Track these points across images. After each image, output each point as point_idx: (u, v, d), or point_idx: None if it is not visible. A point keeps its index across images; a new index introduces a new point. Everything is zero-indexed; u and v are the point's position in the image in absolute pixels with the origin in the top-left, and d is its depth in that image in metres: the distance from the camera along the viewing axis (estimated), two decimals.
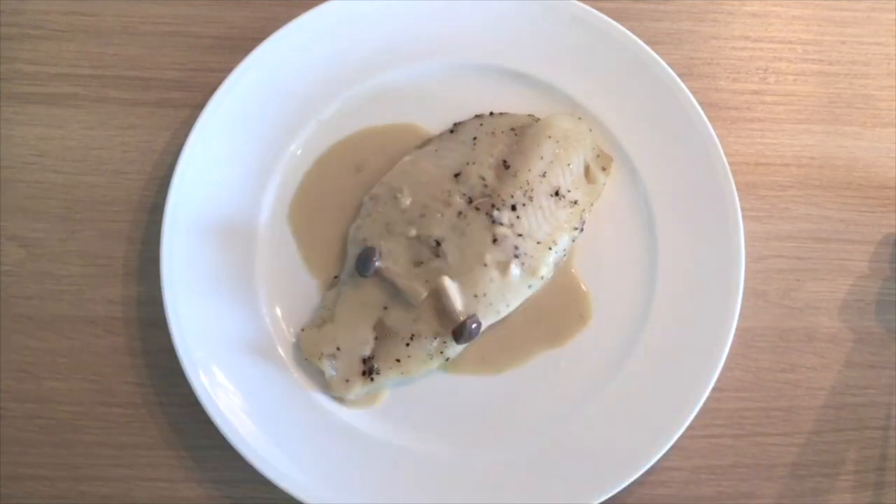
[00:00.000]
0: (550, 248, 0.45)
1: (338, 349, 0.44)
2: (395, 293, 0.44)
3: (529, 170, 0.46)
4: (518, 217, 0.45)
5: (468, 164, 0.46)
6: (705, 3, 0.52)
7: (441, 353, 0.44)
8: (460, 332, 0.43)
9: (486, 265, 0.44)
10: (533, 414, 0.44)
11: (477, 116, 0.48)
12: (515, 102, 0.48)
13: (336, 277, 0.46)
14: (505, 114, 0.48)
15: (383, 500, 0.43)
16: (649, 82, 0.48)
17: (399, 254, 0.45)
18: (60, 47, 0.49)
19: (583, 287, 0.47)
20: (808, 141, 0.51)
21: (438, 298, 0.44)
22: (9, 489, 0.44)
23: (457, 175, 0.46)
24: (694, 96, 0.47)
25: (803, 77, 0.52)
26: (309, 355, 0.44)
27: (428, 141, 0.48)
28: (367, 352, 0.44)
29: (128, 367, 0.45)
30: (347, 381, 0.44)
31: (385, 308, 0.44)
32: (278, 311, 0.46)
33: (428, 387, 0.45)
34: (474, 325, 0.43)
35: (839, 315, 0.48)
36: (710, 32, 0.52)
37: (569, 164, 0.46)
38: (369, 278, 0.45)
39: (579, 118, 0.48)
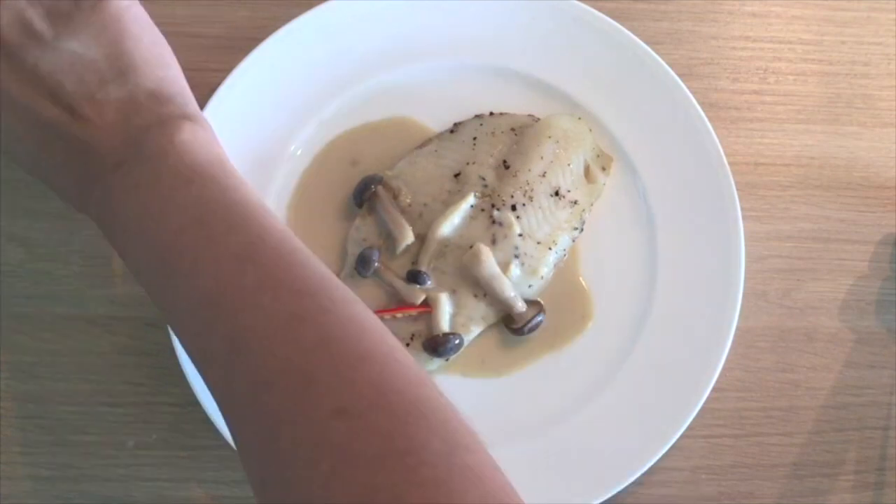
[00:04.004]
0: (550, 248, 0.45)
1: None
2: (395, 293, 0.44)
3: (529, 170, 0.46)
4: (518, 217, 0.45)
5: (468, 164, 0.46)
6: (705, 3, 0.52)
7: None
8: (433, 345, 0.43)
9: None
10: (533, 414, 0.44)
11: (477, 116, 0.48)
12: (515, 102, 0.48)
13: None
14: (505, 114, 0.48)
15: None
16: (649, 82, 0.48)
17: (399, 254, 0.45)
18: None
19: (584, 287, 0.47)
20: (808, 141, 0.51)
21: (434, 305, 0.44)
22: (9, 489, 0.44)
23: (457, 175, 0.46)
24: (694, 96, 0.47)
25: (803, 77, 0.52)
26: None
27: (428, 141, 0.48)
28: None
29: (128, 367, 0.45)
30: None
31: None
32: None
33: None
34: (457, 341, 0.43)
35: (839, 315, 0.48)
36: (710, 32, 0.52)
37: (569, 164, 0.46)
38: (369, 278, 0.45)
39: (579, 118, 0.48)
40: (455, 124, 0.48)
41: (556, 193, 0.46)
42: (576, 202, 0.46)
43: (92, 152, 0.33)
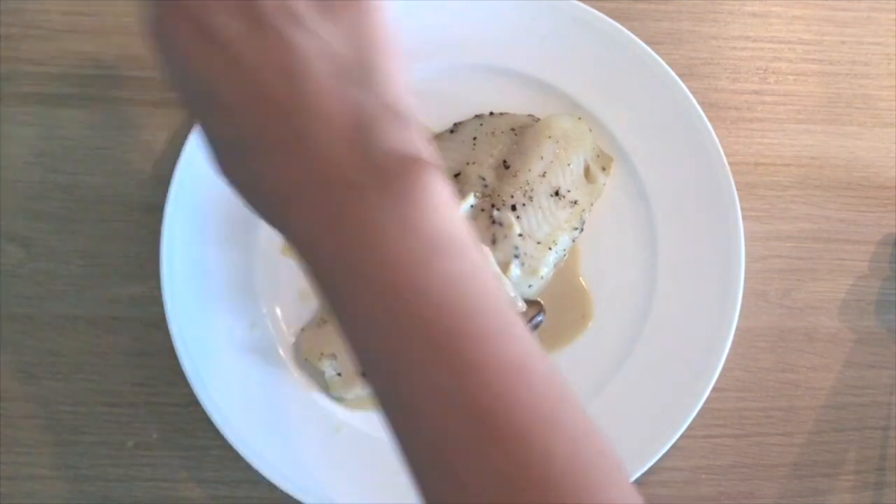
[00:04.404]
0: (550, 248, 0.45)
1: (337, 349, 0.44)
2: None
3: (529, 170, 0.46)
4: (518, 217, 0.45)
5: (468, 164, 0.46)
6: (705, 3, 0.52)
7: None
8: None
9: None
10: None
11: (477, 116, 0.48)
12: (515, 102, 0.48)
13: None
14: (505, 114, 0.48)
15: (384, 500, 0.43)
16: (649, 82, 0.48)
17: None
18: (60, 47, 0.49)
19: (584, 287, 0.47)
20: (808, 141, 0.51)
21: None
22: (9, 489, 0.44)
23: (457, 175, 0.46)
24: (694, 96, 0.47)
25: (803, 77, 0.52)
26: (309, 355, 0.44)
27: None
28: None
29: (128, 367, 0.45)
30: (347, 381, 0.44)
31: None
32: (278, 311, 0.46)
33: None
34: None
35: (839, 315, 0.48)
36: (710, 32, 0.52)
37: (569, 164, 0.46)
38: None
39: (579, 118, 0.48)
40: (455, 124, 0.48)
41: (556, 193, 0.46)
42: (576, 202, 0.46)
43: (314, 153, 0.28)
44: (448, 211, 0.28)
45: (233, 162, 0.30)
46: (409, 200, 0.27)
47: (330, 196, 0.28)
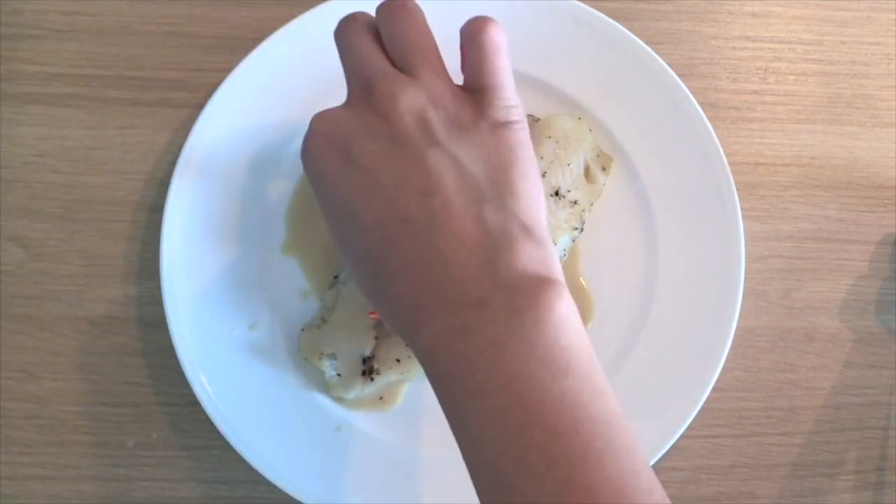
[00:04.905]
0: None
1: (337, 349, 0.44)
2: None
3: None
4: None
5: None
6: (705, 3, 0.53)
7: None
8: None
9: None
10: None
11: None
12: None
13: (336, 277, 0.46)
14: None
15: (384, 500, 0.43)
16: (649, 82, 0.48)
17: None
18: (60, 47, 0.49)
19: (584, 287, 0.47)
20: (808, 141, 0.51)
21: None
22: (9, 489, 0.44)
23: None
24: (694, 96, 0.47)
25: (803, 77, 0.52)
26: (308, 355, 0.44)
27: None
28: (367, 352, 0.44)
29: (128, 367, 0.45)
30: (347, 381, 0.44)
31: None
32: (278, 312, 0.46)
33: (429, 388, 0.45)
34: None
35: (839, 315, 0.48)
36: (710, 32, 0.52)
37: (569, 164, 0.46)
38: None
39: (579, 118, 0.48)
40: None
41: (556, 193, 0.46)
42: (576, 202, 0.46)
43: (445, 271, 0.29)
44: (571, 331, 0.29)
45: (367, 275, 0.31)
46: (534, 321, 0.28)
47: (458, 313, 0.28)
